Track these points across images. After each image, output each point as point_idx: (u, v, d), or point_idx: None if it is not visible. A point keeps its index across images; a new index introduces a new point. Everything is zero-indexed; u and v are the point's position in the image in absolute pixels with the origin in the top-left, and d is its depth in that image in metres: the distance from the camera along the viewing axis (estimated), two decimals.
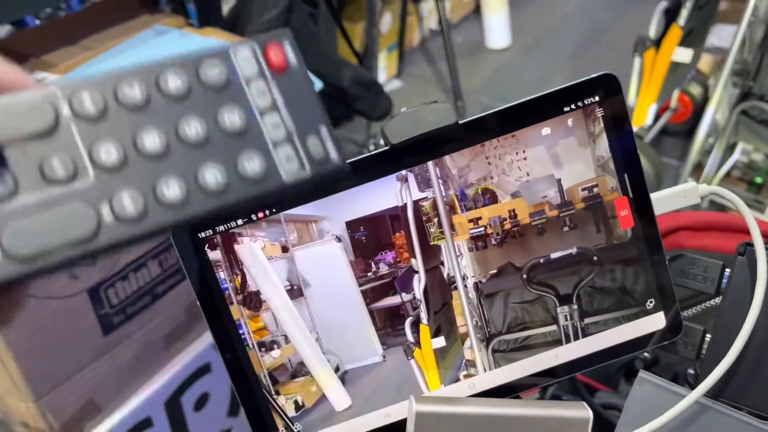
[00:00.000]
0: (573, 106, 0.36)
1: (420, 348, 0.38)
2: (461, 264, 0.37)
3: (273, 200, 0.34)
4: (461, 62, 2.11)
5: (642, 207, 0.37)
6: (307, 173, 0.20)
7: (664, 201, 0.39)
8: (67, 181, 0.18)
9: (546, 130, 0.36)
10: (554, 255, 0.37)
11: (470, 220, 0.36)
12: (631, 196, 0.37)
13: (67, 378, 0.81)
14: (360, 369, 0.38)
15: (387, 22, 2.22)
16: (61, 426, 0.84)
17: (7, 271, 0.17)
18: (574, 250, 0.37)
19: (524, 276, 0.37)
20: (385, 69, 2.25)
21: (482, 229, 0.36)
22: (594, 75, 0.35)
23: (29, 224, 0.17)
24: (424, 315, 0.37)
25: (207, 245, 0.35)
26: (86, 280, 0.78)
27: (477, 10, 2.66)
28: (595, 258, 0.37)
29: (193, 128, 0.19)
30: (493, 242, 0.36)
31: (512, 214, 0.36)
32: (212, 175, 0.19)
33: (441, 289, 0.37)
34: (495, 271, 0.37)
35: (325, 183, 0.21)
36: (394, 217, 0.36)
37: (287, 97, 0.20)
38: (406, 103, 1.98)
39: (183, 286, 0.93)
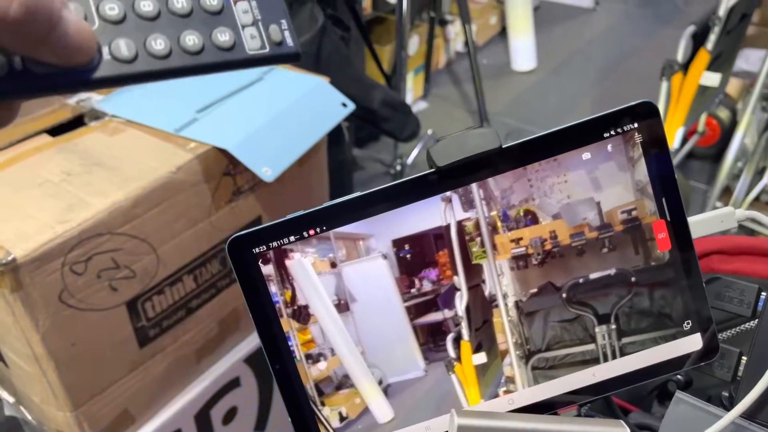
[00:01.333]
0: (613, 132, 0.37)
1: (461, 363, 0.39)
2: (502, 283, 0.38)
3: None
4: (487, 84, 2.14)
5: (679, 230, 0.38)
6: (266, 51, 0.25)
7: (700, 225, 0.40)
8: None
9: (586, 155, 0.37)
10: (593, 276, 0.38)
11: (512, 241, 0.37)
12: (668, 219, 0.38)
13: (103, 389, 0.84)
14: (402, 383, 0.39)
15: (414, 44, 2.25)
16: None
17: (23, 80, 0.22)
18: (612, 271, 0.38)
19: (564, 295, 0.38)
20: (411, 90, 2.28)
21: (523, 249, 0.38)
22: (633, 102, 0.37)
23: None
24: (465, 331, 0.38)
25: (261, 260, 0.36)
26: (125, 293, 0.81)
27: (503, 33, 2.69)
28: (633, 279, 0.38)
29: (180, 3, 0.24)
30: (534, 262, 0.38)
31: (553, 234, 0.37)
32: (191, 40, 0.24)
33: (482, 306, 0.38)
34: (535, 290, 0.38)
35: (280, 61, 0.26)
36: (438, 236, 0.38)
37: None
38: (432, 124, 2.00)
39: (216, 301, 0.96)
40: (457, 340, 0.39)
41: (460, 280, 0.38)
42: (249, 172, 0.88)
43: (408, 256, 0.38)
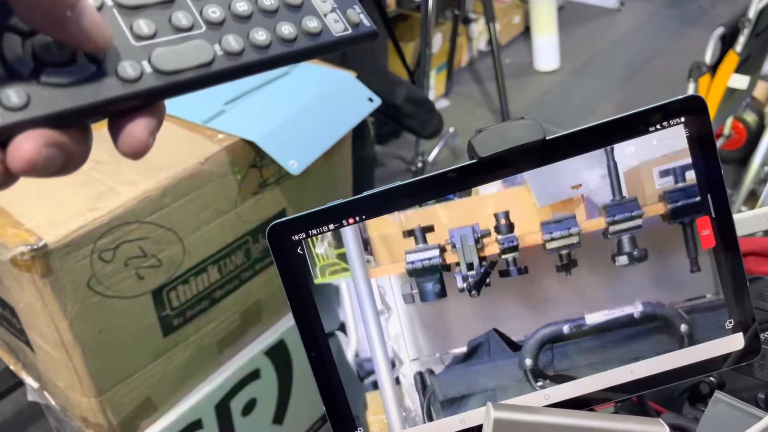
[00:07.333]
0: (659, 126, 0.36)
1: None
2: None
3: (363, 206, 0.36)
4: (509, 83, 2.12)
5: (724, 227, 0.37)
6: (349, 32, 0.28)
7: (746, 222, 0.39)
8: (188, 29, 0.26)
9: (631, 149, 0.36)
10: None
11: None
12: (713, 216, 0.37)
13: (127, 376, 0.84)
14: None
15: (437, 42, 2.25)
16: (119, 423, 0.86)
17: (155, 82, 0.24)
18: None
19: None
20: (433, 88, 2.27)
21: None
22: (680, 96, 0.36)
23: (169, 50, 0.25)
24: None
25: (300, 248, 0.36)
26: (151, 281, 0.81)
27: (526, 32, 2.67)
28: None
29: (268, 1, 0.27)
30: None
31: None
32: (287, 29, 0.27)
33: None
34: None
35: (363, 40, 0.28)
36: None
37: None
38: (454, 122, 1.99)
39: (239, 292, 0.96)
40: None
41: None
42: (275, 165, 0.88)
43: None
